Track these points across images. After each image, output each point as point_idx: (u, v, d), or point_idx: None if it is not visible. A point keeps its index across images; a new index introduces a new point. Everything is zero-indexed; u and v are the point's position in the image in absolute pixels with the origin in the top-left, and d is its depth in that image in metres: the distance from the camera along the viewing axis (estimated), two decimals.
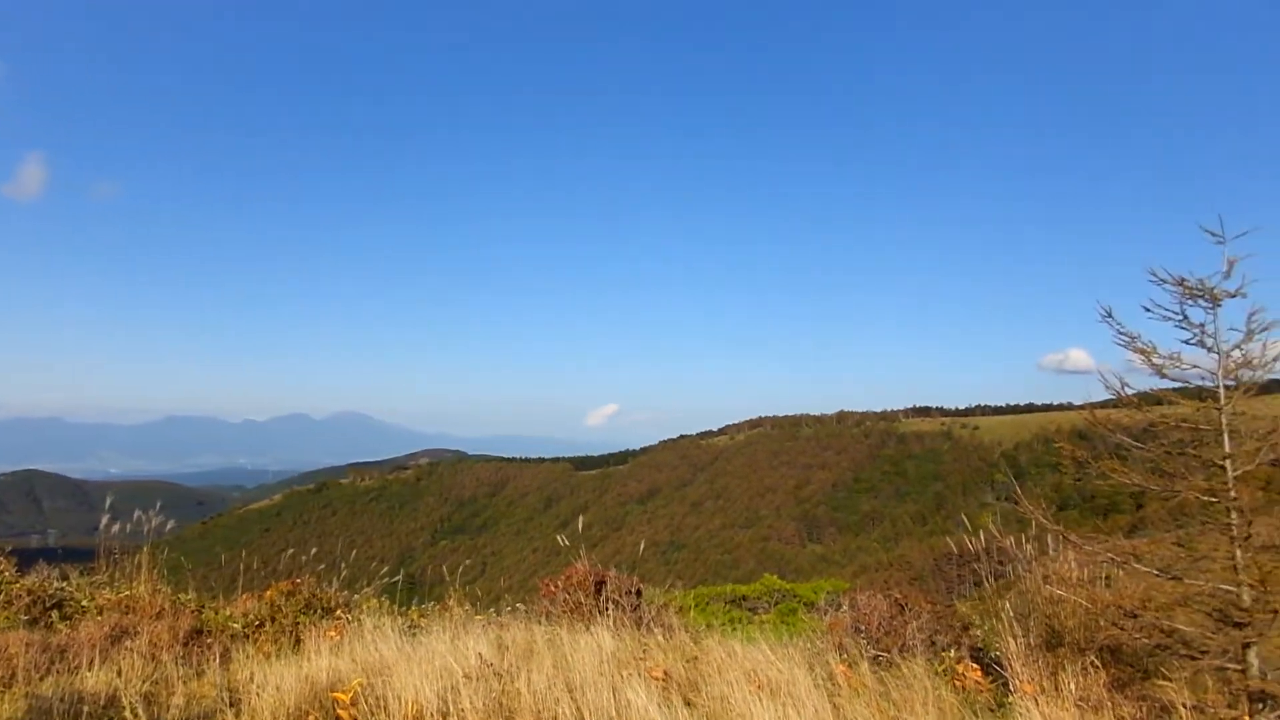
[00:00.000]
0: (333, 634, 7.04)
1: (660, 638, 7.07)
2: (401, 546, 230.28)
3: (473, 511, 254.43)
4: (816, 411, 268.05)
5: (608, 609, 7.96)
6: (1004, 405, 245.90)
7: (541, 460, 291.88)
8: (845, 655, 6.66)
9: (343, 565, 10.19)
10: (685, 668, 5.65)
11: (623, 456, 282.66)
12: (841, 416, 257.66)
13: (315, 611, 8.01)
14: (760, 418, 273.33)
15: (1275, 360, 5.75)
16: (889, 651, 7.29)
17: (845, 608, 8.86)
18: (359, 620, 7.59)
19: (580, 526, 9.19)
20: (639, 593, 8.62)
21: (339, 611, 8.24)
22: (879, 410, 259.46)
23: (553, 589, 8.42)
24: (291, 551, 10.45)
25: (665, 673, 5.48)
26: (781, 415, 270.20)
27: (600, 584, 8.28)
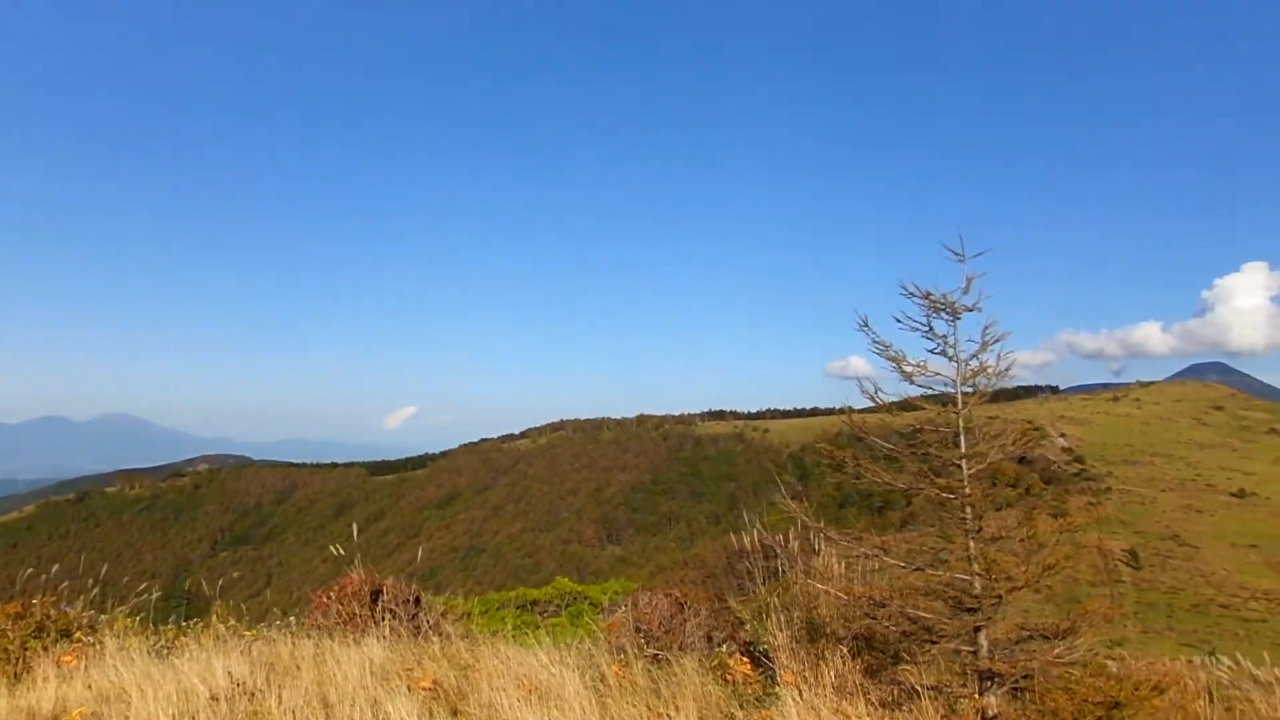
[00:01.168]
0: (68, 659, 6.41)
1: (436, 647, 6.91)
2: (176, 559, 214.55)
3: (258, 520, 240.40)
4: (618, 414, 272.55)
5: (384, 619, 7.72)
6: (792, 409, 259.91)
7: (334, 465, 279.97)
8: (621, 655, 6.76)
9: (91, 582, 9.30)
10: (457, 676, 5.55)
11: (421, 460, 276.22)
12: (641, 419, 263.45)
13: (49, 635, 7.26)
14: (562, 420, 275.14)
15: (1007, 369, 6.34)
16: (668, 649, 7.47)
17: (627, 608, 9.00)
18: (100, 643, 6.94)
19: (355, 533, 8.85)
20: (418, 601, 8.41)
21: (78, 634, 7.51)
22: (677, 413, 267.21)
23: (325, 600, 8.07)
24: (30, 571, 9.42)
25: (434, 683, 5.37)
26: (583, 418, 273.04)
27: (376, 593, 8.02)
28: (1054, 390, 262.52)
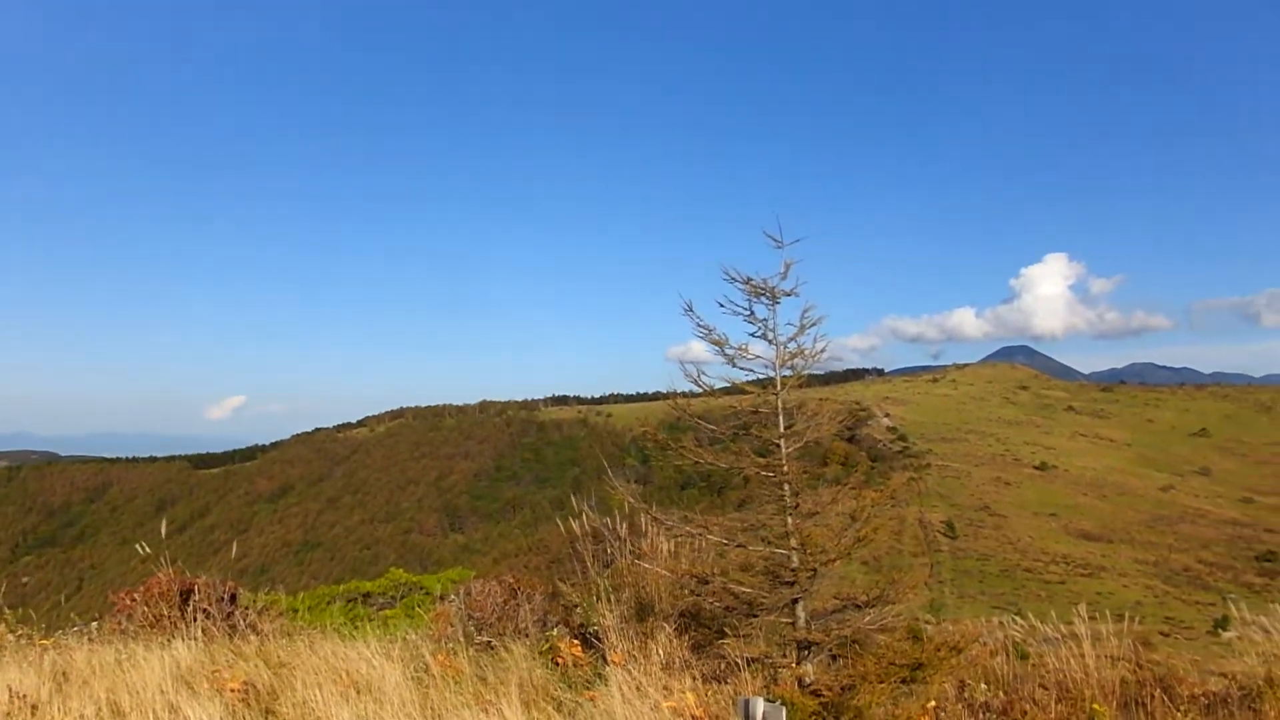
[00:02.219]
0: None
1: (254, 646, 6.61)
2: None
3: (66, 521, 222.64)
4: (460, 401, 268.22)
5: (196, 620, 7.31)
6: (635, 393, 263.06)
7: (153, 459, 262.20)
8: (449, 645, 6.67)
9: None
10: (270, 676, 5.32)
11: (250, 452, 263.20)
12: (484, 406, 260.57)
13: None
14: (402, 408, 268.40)
15: (823, 352, 6.62)
16: (501, 636, 7.42)
17: (459, 597, 8.89)
18: None
19: (164, 529, 8.32)
20: (234, 599, 8.01)
21: None
22: (521, 399, 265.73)
23: (129, 602, 7.57)
24: None
25: (245, 683, 5.12)
26: (424, 405, 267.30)
27: (188, 593, 7.58)
28: (879, 373, 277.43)
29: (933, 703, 5.73)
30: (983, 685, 7.27)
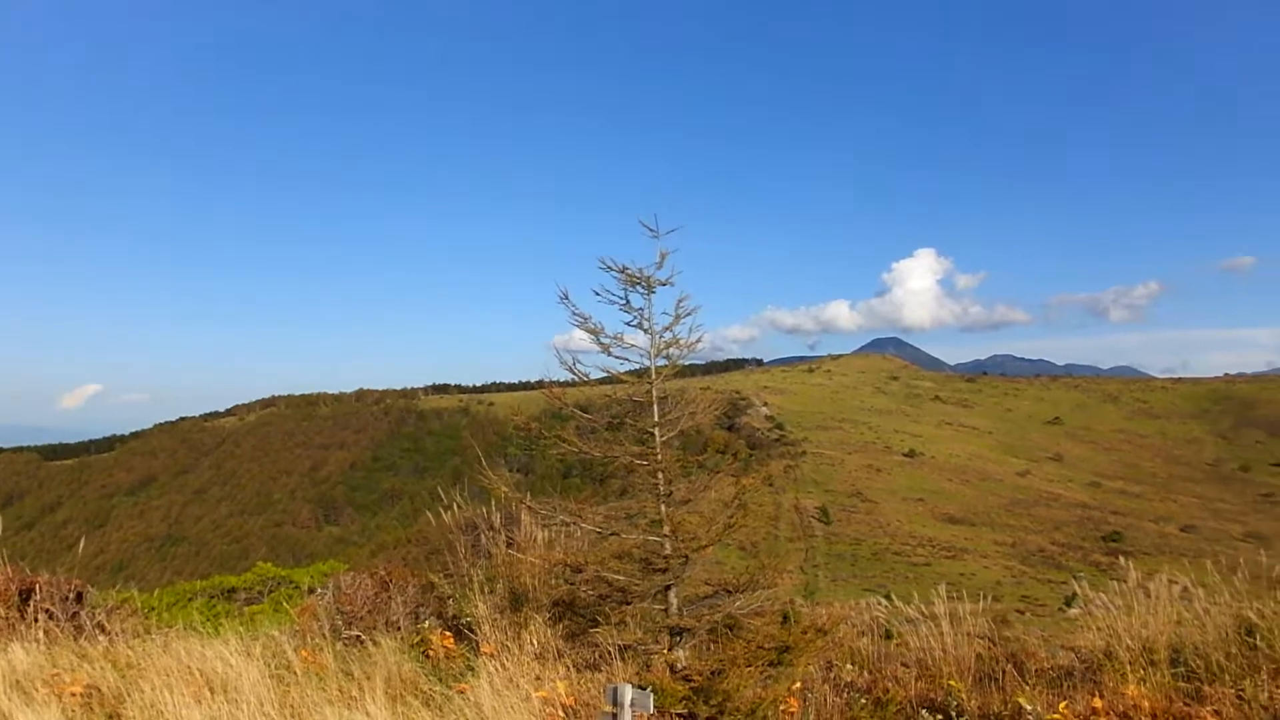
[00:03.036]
0: None
1: (101, 647, 6.24)
2: None
3: None
4: (335, 389, 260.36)
5: (37, 621, 6.85)
6: (518, 381, 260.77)
7: None
8: (314, 640, 6.45)
9: None
10: (118, 678, 5.03)
11: (108, 443, 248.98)
12: (361, 394, 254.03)
13: None
14: (274, 397, 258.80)
15: (697, 341, 6.68)
16: (371, 630, 7.23)
17: (329, 590, 8.63)
18: None
19: None
20: (80, 598, 7.55)
21: None
22: (400, 388, 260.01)
23: None
24: None
25: (89, 687, 4.83)
26: (297, 394, 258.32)
27: (27, 593, 7.09)
28: (759, 363, 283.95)
29: (798, 684, 5.87)
30: (849, 665, 7.49)
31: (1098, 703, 5.41)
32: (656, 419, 6.32)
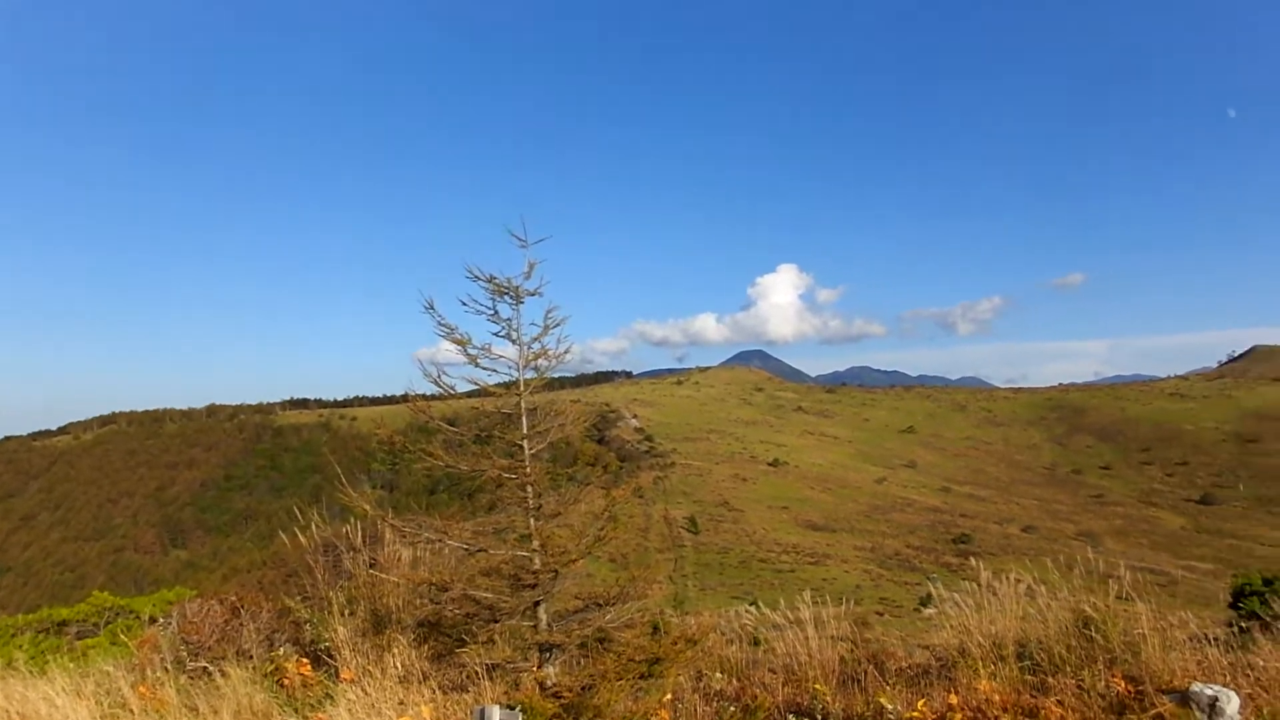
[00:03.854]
0: None
1: None
2: None
3: None
4: (183, 405, 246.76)
5: None
6: (382, 395, 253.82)
7: None
8: (154, 675, 6.03)
9: None
10: None
11: None
12: (213, 410, 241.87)
13: None
14: (114, 413, 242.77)
15: (566, 353, 6.62)
16: (221, 659, 6.82)
17: (173, 619, 8.11)
18: None
19: None
20: None
21: None
22: (254, 403, 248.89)
23: None
24: None
25: None
26: (140, 410, 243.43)
27: None
28: (628, 375, 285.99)
29: (669, 695, 5.87)
30: (718, 674, 7.55)
31: (954, 699, 5.62)
32: (525, 431, 6.22)
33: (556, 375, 6.84)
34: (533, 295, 6.39)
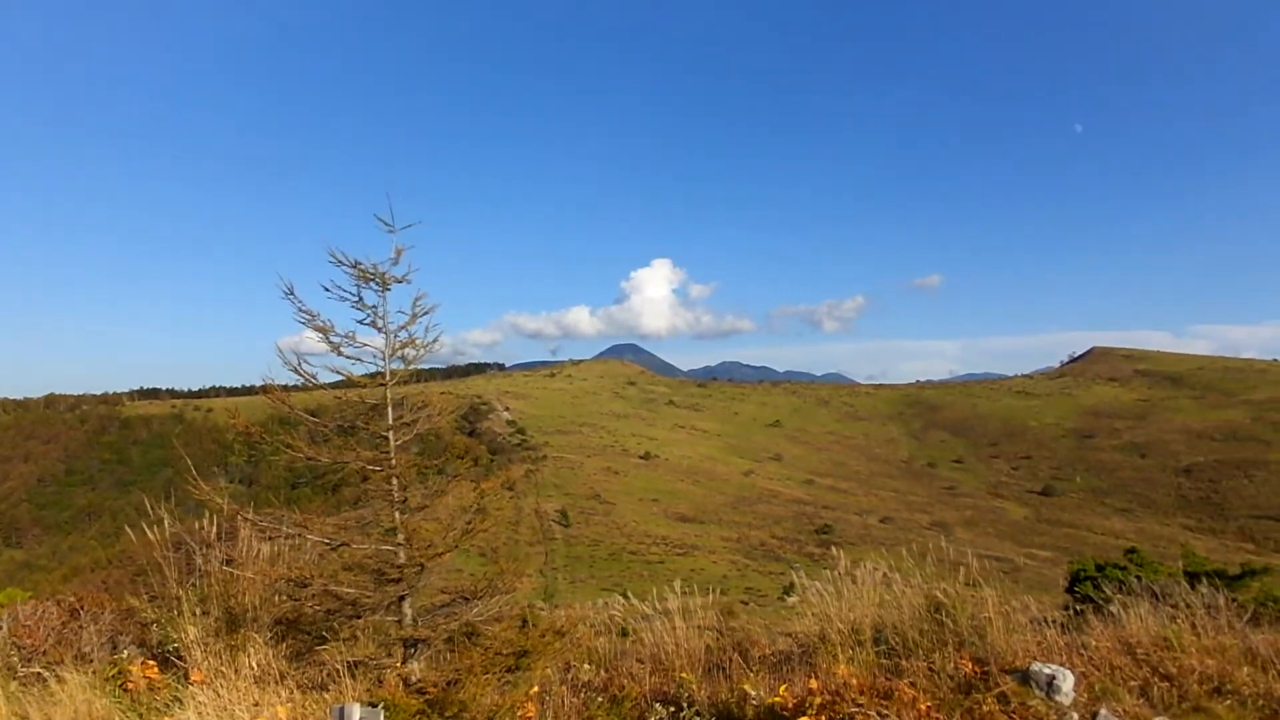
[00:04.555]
0: None
1: None
2: None
3: None
4: (18, 395, 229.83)
5: None
6: (241, 386, 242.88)
7: None
8: None
9: None
10: None
11: None
12: (51, 400, 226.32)
13: None
14: None
15: (435, 342, 6.47)
16: (58, 665, 6.38)
17: (2, 623, 7.54)
18: None
19: None
20: None
21: None
22: (99, 392, 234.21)
23: None
24: None
25: None
26: None
27: None
28: (501, 367, 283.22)
29: (536, 688, 5.84)
30: (587, 665, 7.57)
31: (813, 683, 5.79)
32: (391, 423, 6.05)
33: (426, 366, 6.70)
34: (400, 282, 6.22)
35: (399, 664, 5.91)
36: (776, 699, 5.84)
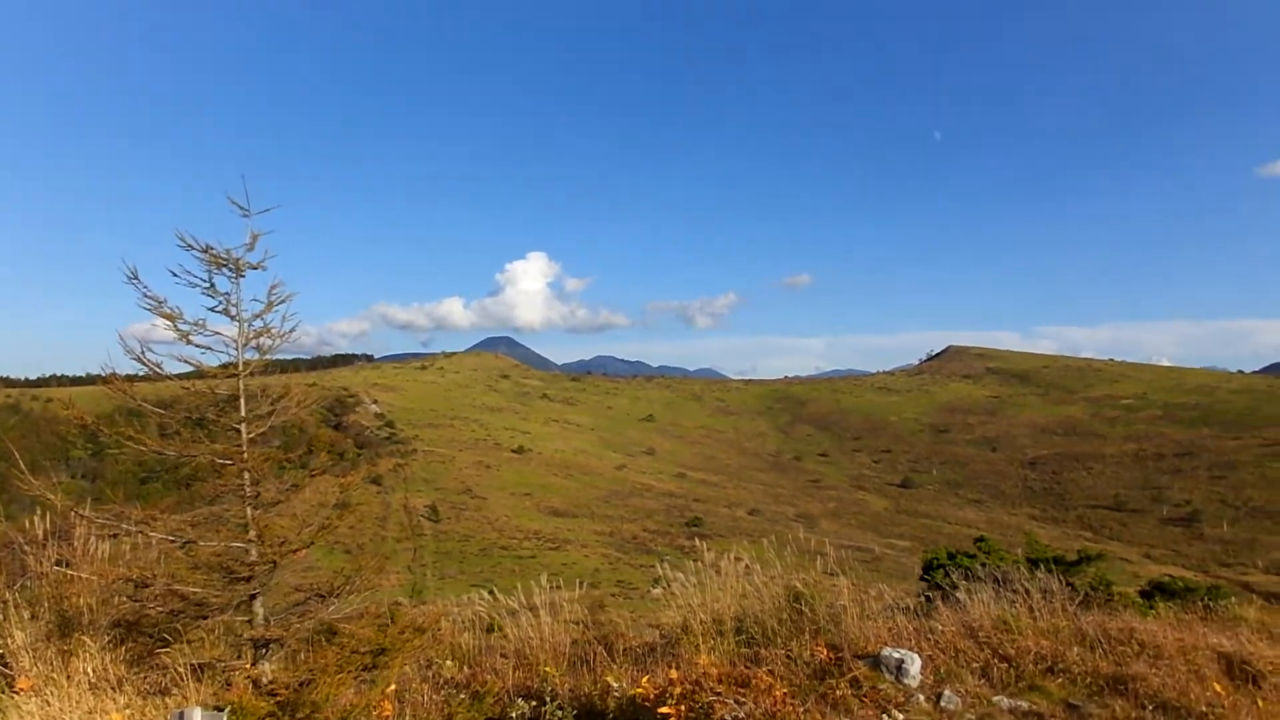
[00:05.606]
0: None
1: None
2: None
3: None
4: None
5: None
6: (85, 375, 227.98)
7: None
8: None
9: None
10: None
11: None
12: None
13: None
14: None
15: (292, 332, 6.24)
16: None
17: None
18: None
19: None
20: None
21: None
22: None
23: None
24: None
25: None
26: None
27: None
28: (369, 359, 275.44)
29: (393, 686, 5.71)
30: (449, 662, 7.48)
31: (674, 673, 5.88)
32: (244, 415, 5.80)
33: (286, 356, 6.46)
34: (256, 269, 5.97)
35: (249, 665, 5.69)
36: (638, 690, 5.91)
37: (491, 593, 11.23)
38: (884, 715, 5.84)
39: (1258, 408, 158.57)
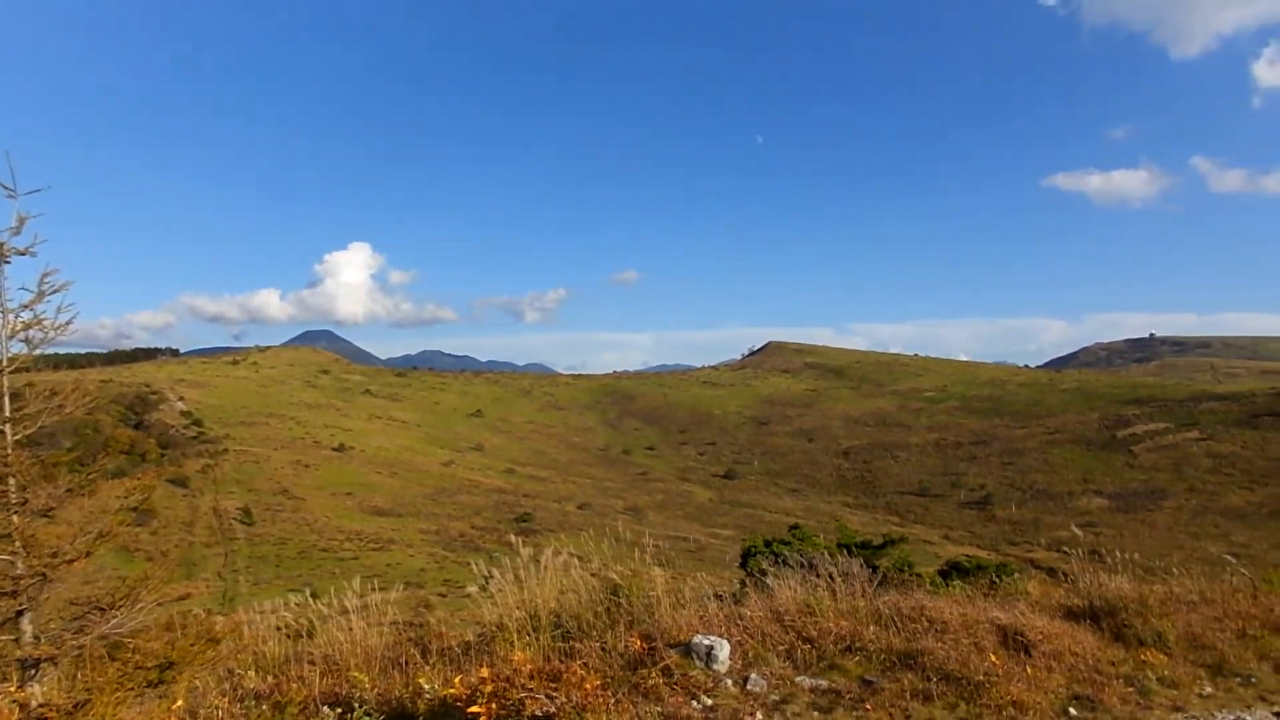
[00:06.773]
0: None
1: None
2: None
3: None
4: None
5: None
6: None
7: None
8: None
9: None
10: None
11: None
12: None
13: None
14: None
15: (68, 324, 5.74)
16: None
17: None
18: None
19: None
20: None
21: None
22: None
23: None
24: None
25: None
26: None
27: None
28: (175, 353, 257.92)
29: (180, 701, 5.36)
30: (252, 672, 7.10)
31: (485, 671, 5.81)
32: (8, 414, 5.29)
33: (75, 350, 5.93)
34: (24, 254, 5.45)
35: (15, 688, 5.19)
36: (450, 690, 5.81)
37: (312, 596, 10.79)
38: (693, 701, 6.00)
39: (1041, 399, 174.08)
